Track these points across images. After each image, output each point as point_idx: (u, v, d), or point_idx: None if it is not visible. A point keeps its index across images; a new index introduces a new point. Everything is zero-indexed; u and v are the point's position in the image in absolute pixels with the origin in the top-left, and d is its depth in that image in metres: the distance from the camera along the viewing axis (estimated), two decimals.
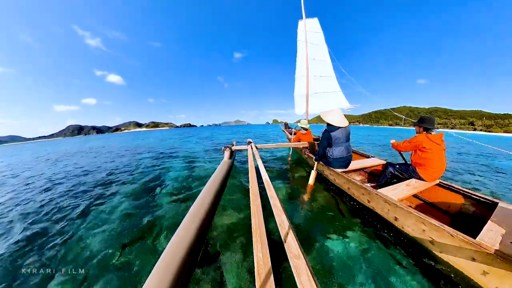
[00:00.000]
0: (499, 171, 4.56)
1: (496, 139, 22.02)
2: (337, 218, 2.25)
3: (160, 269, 0.82)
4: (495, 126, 72.51)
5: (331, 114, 2.77)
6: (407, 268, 1.52)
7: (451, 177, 4.04)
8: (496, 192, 3.14)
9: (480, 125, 73.28)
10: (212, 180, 2.47)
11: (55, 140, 75.74)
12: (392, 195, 1.96)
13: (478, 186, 3.41)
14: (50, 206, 3.05)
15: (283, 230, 0.96)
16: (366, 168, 3.44)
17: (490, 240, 1.27)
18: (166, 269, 0.82)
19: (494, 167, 5.02)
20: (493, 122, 74.76)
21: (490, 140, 16.78)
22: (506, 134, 45.40)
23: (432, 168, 2.15)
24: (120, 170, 5.27)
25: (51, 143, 31.04)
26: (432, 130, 2.18)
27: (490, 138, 22.75)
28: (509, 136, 36.18)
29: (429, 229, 1.53)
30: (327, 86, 6.30)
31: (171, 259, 0.88)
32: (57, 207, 3.00)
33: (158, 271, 0.82)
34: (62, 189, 3.92)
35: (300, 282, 0.65)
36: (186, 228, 1.21)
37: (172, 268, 0.83)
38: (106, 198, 3.20)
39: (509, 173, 4.39)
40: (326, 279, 1.44)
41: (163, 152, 8.29)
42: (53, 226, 2.40)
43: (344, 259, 1.62)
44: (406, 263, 1.57)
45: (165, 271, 0.81)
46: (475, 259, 1.26)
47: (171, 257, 0.89)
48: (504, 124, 72.51)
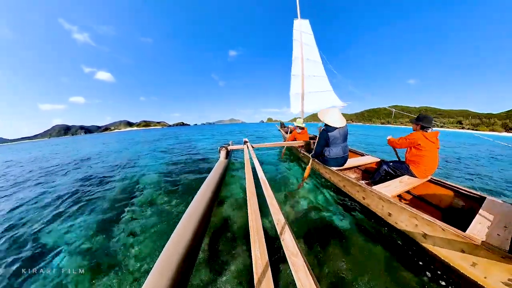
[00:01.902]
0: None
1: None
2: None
3: (159, 269, 0.81)
4: (482, 125, 75.15)
5: (329, 115, 2.71)
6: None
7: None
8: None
9: (468, 124, 75.77)
10: (208, 180, 2.46)
11: (37, 142, 64.25)
12: (386, 191, 2.00)
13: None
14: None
15: (280, 228, 0.96)
16: (361, 166, 3.50)
17: (478, 233, 1.33)
18: (165, 269, 0.82)
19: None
20: (479, 121, 77.40)
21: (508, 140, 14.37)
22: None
23: (425, 165, 2.20)
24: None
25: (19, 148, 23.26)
26: (428, 128, 2.21)
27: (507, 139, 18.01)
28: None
29: (421, 223, 1.57)
30: (319, 86, 6.43)
31: (169, 259, 0.88)
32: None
33: (157, 271, 0.81)
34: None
35: (298, 278, 0.66)
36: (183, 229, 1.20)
37: (171, 268, 0.82)
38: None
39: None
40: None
41: (93, 176, 4.64)
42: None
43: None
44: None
45: (163, 271, 0.80)
46: (465, 251, 1.31)
47: (169, 257, 0.89)
48: (490, 123, 75.29)
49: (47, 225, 2.45)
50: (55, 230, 2.32)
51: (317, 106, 6.29)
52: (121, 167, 5.49)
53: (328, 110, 2.82)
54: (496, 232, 1.32)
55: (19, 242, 2.14)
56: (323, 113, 2.78)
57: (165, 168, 4.90)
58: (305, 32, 6.44)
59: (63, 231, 2.29)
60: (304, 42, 6.17)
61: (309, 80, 6.31)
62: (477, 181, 3.74)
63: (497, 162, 5.63)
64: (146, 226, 2.18)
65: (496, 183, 3.59)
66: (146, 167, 5.16)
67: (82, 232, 2.23)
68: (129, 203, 2.88)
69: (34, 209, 3.01)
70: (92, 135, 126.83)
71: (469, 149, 8.24)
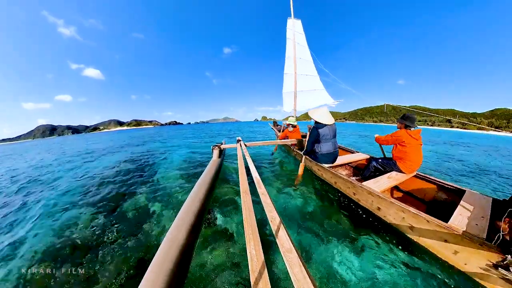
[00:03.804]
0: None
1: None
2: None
3: (155, 270, 0.80)
4: (470, 124, 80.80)
5: (319, 113, 2.88)
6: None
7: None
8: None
9: (456, 122, 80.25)
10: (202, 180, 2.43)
11: (13, 144, 53.75)
12: (375, 187, 2.08)
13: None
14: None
15: (275, 226, 0.97)
16: (351, 163, 3.61)
17: (459, 223, 1.42)
18: (160, 270, 0.80)
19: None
20: (467, 120, 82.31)
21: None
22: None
23: (410, 161, 2.33)
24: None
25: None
26: (411, 127, 2.35)
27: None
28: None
29: (408, 216, 1.66)
30: (312, 84, 6.53)
31: (164, 260, 0.86)
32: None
33: (152, 271, 0.80)
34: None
35: (293, 274, 0.67)
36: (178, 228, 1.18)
37: (166, 269, 0.81)
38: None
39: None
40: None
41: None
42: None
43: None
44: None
45: (159, 272, 0.79)
46: (447, 240, 1.40)
47: (164, 259, 0.87)
48: (477, 122, 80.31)
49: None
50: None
51: (309, 104, 6.40)
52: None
53: (317, 109, 2.99)
54: (474, 222, 1.42)
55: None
56: (313, 112, 2.97)
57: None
58: (297, 32, 6.49)
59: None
60: (296, 42, 6.22)
61: (301, 79, 6.38)
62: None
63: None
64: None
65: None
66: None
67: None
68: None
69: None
70: (81, 135, 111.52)
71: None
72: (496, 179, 3.98)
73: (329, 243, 1.78)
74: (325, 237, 1.86)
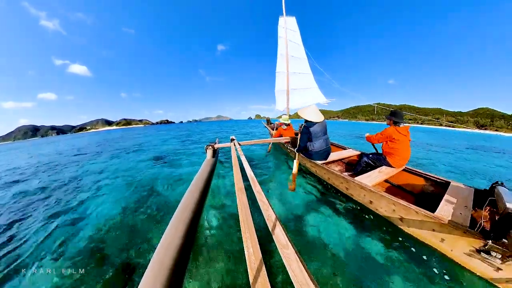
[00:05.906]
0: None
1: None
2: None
3: (153, 273, 0.79)
4: (457, 122, 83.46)
5: (309, 111, 2.92)
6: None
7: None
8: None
9: (445, 121, 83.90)
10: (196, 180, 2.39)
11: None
12: (367, 181, 2.15)
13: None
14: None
15: (271, 223, 0.98)
16: (344, 159, 3.70)
17: (445, 213, 1.50)
18: (159, 270, 0.80)
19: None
20: (454, 119, 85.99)
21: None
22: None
23: (399, 156, 2.44)
24: None
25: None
26: (400, 123, 2.45)
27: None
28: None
29: (398, 208, 1.73)
30: (304, 83, 6.54)
31: (162, 262, 0.85)
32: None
33: (150, 274, 0.79)
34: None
35: (291, 269, 0.68)
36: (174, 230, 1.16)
37: (164, 269, 0.80)
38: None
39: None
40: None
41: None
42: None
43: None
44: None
45: (157, 273, 0.78)
46: (435, 229, 1.48)
47: (161, 260, 0.86)
48: (464, 120, 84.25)
49: None
50: None
51: (302, 102, 6.42)
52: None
53: (307, 107, 3.00)
54: (459, 211, 1.51)
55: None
56: (303, 111, 2.99)
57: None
58: (290, 29, 6.45)
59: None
60: (289, 39, 6.19)
61: (294, 77, 6.39)
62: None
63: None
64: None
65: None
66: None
67: None
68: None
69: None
70: (65, 136, 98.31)
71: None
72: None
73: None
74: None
